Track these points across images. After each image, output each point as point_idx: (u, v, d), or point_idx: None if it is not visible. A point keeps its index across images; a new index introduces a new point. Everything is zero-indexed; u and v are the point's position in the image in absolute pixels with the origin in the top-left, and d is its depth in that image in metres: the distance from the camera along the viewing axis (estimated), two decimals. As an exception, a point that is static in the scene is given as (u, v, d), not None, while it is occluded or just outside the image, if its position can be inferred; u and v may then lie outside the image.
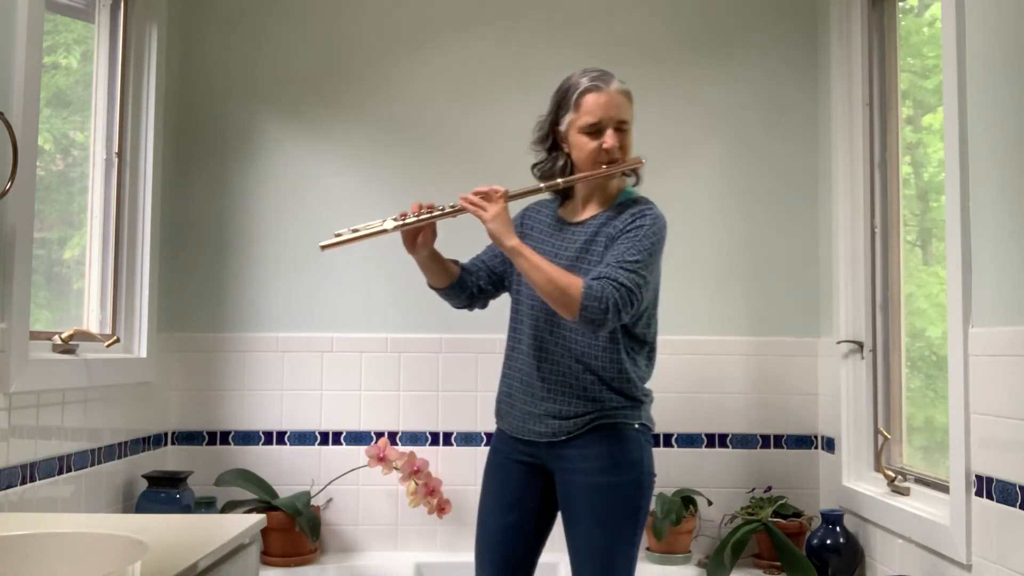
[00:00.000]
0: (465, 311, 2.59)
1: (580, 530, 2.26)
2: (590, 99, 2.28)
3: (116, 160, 3.04)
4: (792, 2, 3.44)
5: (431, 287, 2.50)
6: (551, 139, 2.37)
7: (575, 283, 2.13)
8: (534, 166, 2.41)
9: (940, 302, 2.72)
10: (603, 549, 2.23)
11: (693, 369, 3.35)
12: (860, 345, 3.08)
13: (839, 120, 3.19)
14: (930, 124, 2.95)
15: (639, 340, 2.34)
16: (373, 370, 3.34)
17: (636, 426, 2.32)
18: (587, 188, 2.38)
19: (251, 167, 3.41)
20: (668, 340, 3.34)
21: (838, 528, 2.96)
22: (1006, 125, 2.10)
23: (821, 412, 3.33)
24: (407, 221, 2.29)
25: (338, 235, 2.30)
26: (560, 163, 2.35)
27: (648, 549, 3.25)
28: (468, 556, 3.17)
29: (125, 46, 3.07)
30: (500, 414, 2.43)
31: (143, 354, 3.08)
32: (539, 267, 2.17)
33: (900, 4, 3.04)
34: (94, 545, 1.67)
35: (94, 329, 2.93)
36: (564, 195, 2.45)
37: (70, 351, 2.61)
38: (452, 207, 2.28)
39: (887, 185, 3.06)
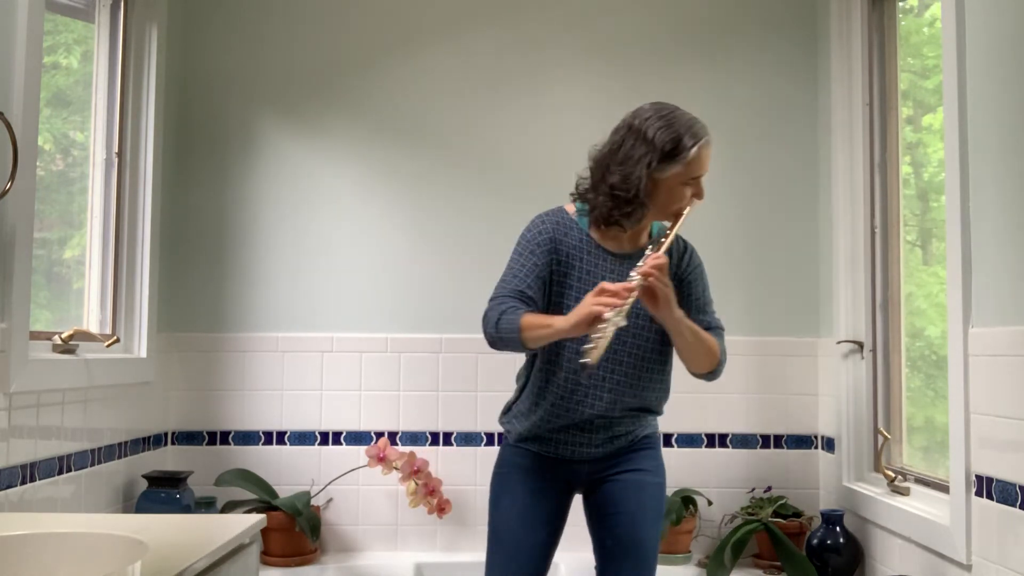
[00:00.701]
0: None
1: (630, 522, 2.32)
2: (705, 154, 2.30)
3: (116, 160, 3.04)
4: (792, 2, 3.44)
5: (526, 350, 2.28)
6: (645, 184, 2.26)
7: (715, 343, 2.33)
8: (607, 193, 2.28)
9: (940, 302, 2.72)
10: (650, 544, 2.34)
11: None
12: (860, 345, 3.08)
13: (839, 120, 3.19)
14: (930, 124, 2.95)
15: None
16: (373, 370, 3.34)
17: (659, 434, 2.51)
18: (639, 225, 2.36)
19: (251, 167, 3.41)
20: (668, 340, 3.35)
21: (838, 528, 2.96)
22: (1006, 125, 2.10)
23: (821, 412, 3.33)
24: (624, 310, 2.09)
25: (589, 354, 2.04)
26: (634, 206, 2.27)
27: (648, 549, 3.25)
28: (468, 556, 3.19)
29: (125, 46, 3.07)
30: (533, 438, 2.37)
31: (143, 354, 3.08)
32: (700, 336, 2.28)
33: (900, 4, 3.04)
34: (94, 545, 1.67)
35: (94, 329, 2.93)
36: (593, 219, 2.35)
37: (70, 351, 2.61)
38: (638, 284, 2.13)
39: (887, 185, 3.06)
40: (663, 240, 2.27)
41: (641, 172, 2.25)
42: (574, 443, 2.35)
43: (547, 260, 2.30)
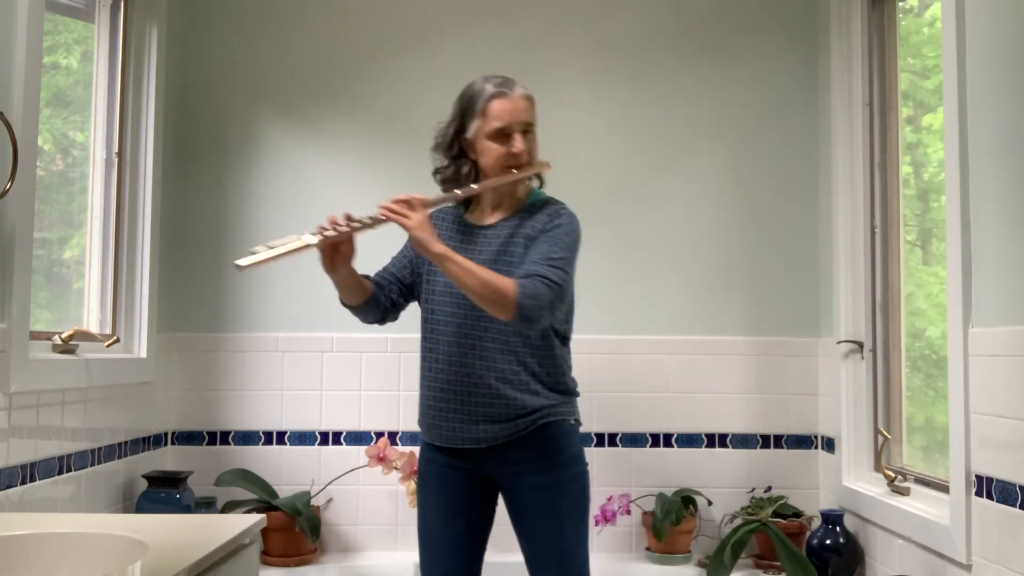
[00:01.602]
0: (376, 325, 2.55)
1: (535, 529, 2.28)
2: (496, 105, 2.30)
3: (116, 160, 3.04)
4: (792, 2, 3.44)
5: (344, 305, 2.44)
6: (456, 146, 2.36)
7: (509, 283, 2.15)
8: (435, 172, 2.41)
9: (940, 302, 2.72)
10: (560, 545, 2.27)
11: (693, 369, 3.35)
12: (860, 345, 3.08)
13: (839, 120, 3.19)
14: (930, 124, 2.95)
15: (563, 336, 2.36)
16: (373, 370, 3.34)
17: (572, 421, 2.35)
18: (496, 193, 2.38)
19: (251, 167, 3.41)
20: (669, 340, 3.36)
21: (838, 528, 2.96)
22: (1006, 125, 2.10)
23: (821, 412, 3.33)
24: (327, 234, 2.22)
25: (253, 252, 2.19)
26: (466, 170, 2.35)
27: (648, 549, 3.25)
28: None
29: (125, 46, 3.07)
30: (427, 428, 2.39)
31: (143, 354, 3.08)
32: (471, 271, 2.16)
33: (900, 4, 3.04)
34: (94, 545, 1.67)
35: (94, 329, 2.93)
36: (468, 201, 2.44)
37: (70, 351, 2.61)
38: (372, 217, 2.22)
39: (887, 185, 3.06)
40: (452, 193, 2.31)
41: (451, 138, 2.36)
42: (454, 427, 2.30)
43: (412, 252, 2.41)
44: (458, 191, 2.31)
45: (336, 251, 2.30)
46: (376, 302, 2.44)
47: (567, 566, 2.27)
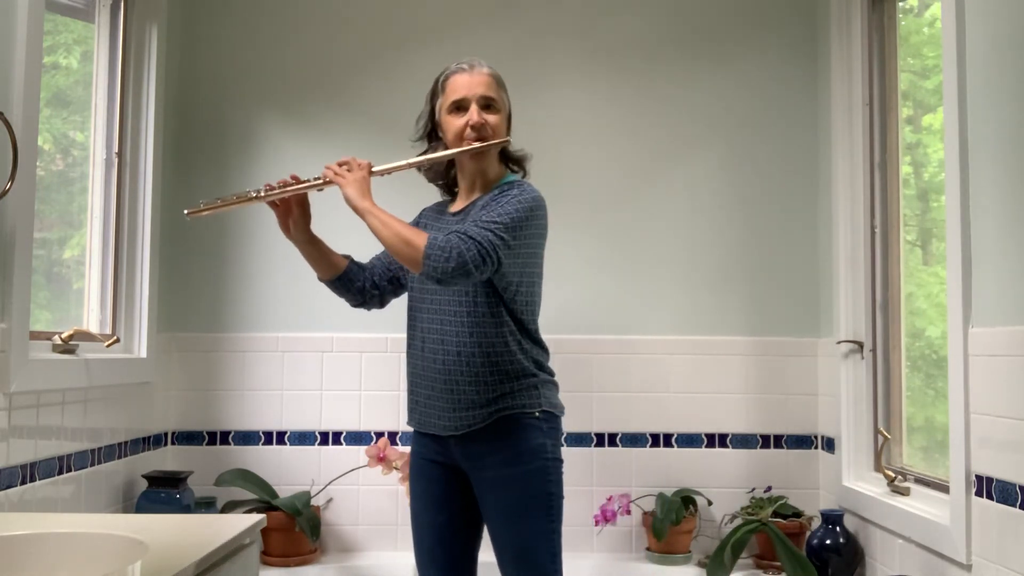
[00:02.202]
0: (363, 310, 2.58)
1: (494, 526, 2.28)
2: (455, 79, 2.35)
3: (116, 160, 3.04)
4: (792, 2, 3.44)
5: (320, 280, 2.51)
6: (432, 132, 2.43)
7: (421, 236, 2.16)
8: (425, 165, 2.44)
9: (940, 302, 2.72)
10: (518, 543, 2.23)
11: (693, 369, 3.35)
12: (860, 345, 3.08)
13: (839, 120, 3.19)
14: (930, 124, 2.95)
15: (523, 325, 2.31)
16: (373, 370, 3.34)
17: (536, 414, 2.28)
18: (469, 178, 2.40)
19: (251, 167, 3.41)
20: (669, 340, 3.36)
21: (838, 528, 2.96)
22: (1006, 125, 2.10)
23: (821, 412, 3.33)
24: (271, 192, 2.33)
25: (204, 202, 2.32)
26: (438, 151, 2.39)
27: (648, 549, 3.25)
28: (468, 556, 3.20)
29: (125, 46, 3.07)
30: (409, 412, 2.42)
31: (143, 354, 3.08)
32: (387, 223, 2.19)
33: (900, 4, 3.04)
34: (94, 545, 1.67)
35: (94, 329, 2.93)
36: (453, 191, 2.49)
37: (70, 351, 2.61)
38: (316, 178, 2.33)
39: (887, 185, 3.06)
40: (411, 160, 2.37)
41: (426, 120, 2.44)
42: (429, 410, 2.32)
43: None
44: (410, 160, 2.35)
45: (289, 212, 2.40)
46: (350, 280, 2.47)
47: (527, 565, 2.23)
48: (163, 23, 3.18)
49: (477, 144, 2.32)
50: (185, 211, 2.33)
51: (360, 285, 2.49)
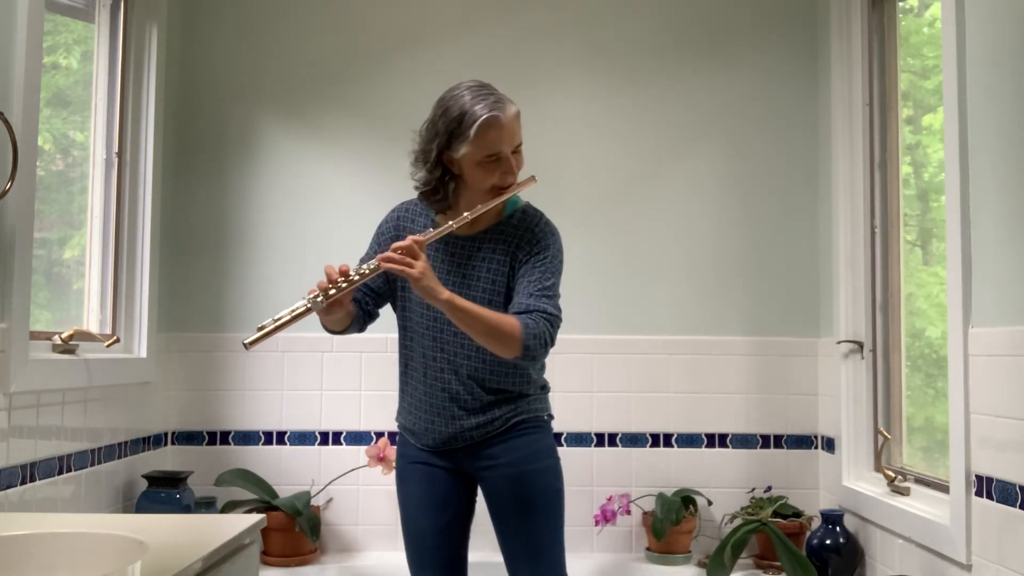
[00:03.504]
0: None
1: (506, 523, 2.30)
2: (491, 134, 2.19)
3: (116, 160, 3.04)
4: (792, 2, 3.44)
5: (330, 331, 2.39)
6: (439, 163, 2.27)
7: (513, 325, 2.15)
8: (420, 185, 2.33)
9: (940, 302, 2.72)
10: (533, 539, 2.29)
11: (693, 369, 3.35)
12: (860, 345, 3.08)
13: (839, 120, 3.18)
14: (930, 124, 2.95)
15: None
16: (373, 370, 3.34)
17: (545, 416, 2.40)
18: (472, 203, 2.27)
19: (251, 167, 3.41)
20: (669, 340, 3.36)
21: (838, 528, 2.96)
22: (1006, 125, 2.10)
23: (821, 412, 3.33)
24: (331, 295, 2.13)
25: (261, 328, 2.12)
26: (452, 186, 2.29)
27: (648, 549, 3.25)
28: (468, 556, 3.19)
29: (125, 46, 3.07)
30: (411, 432, 2.39)
31: (143, 354, 3.08)
32: (477, 316, 2.14)
33: (900, 4, 3.04)
34: (94, 545, 1.67)
35: (94, 329, 2.93)
36: (439, 204, 2.35)
37: (70, 351, 2.61)
38: (372, 269, 2.14)
39: (887, 185, 3.06)
40: (451, 223, 2.21)
41: (434, 153, 2.26)
42: (437, 433, 2.32)
43: (389, 244, 2.23)
44: (453, 223, 2.21)
45: (339, 307, 2.22)
46: (357, 322, 2.41)
47: (542, 559, 2.29)
48: (163, 23, 3.18)
49: (511, 192, 2.26)
50: (244, 342, 2.14)
51: (361, 320, 2.43)
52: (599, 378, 3.32)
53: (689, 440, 3.34)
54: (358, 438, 3.33)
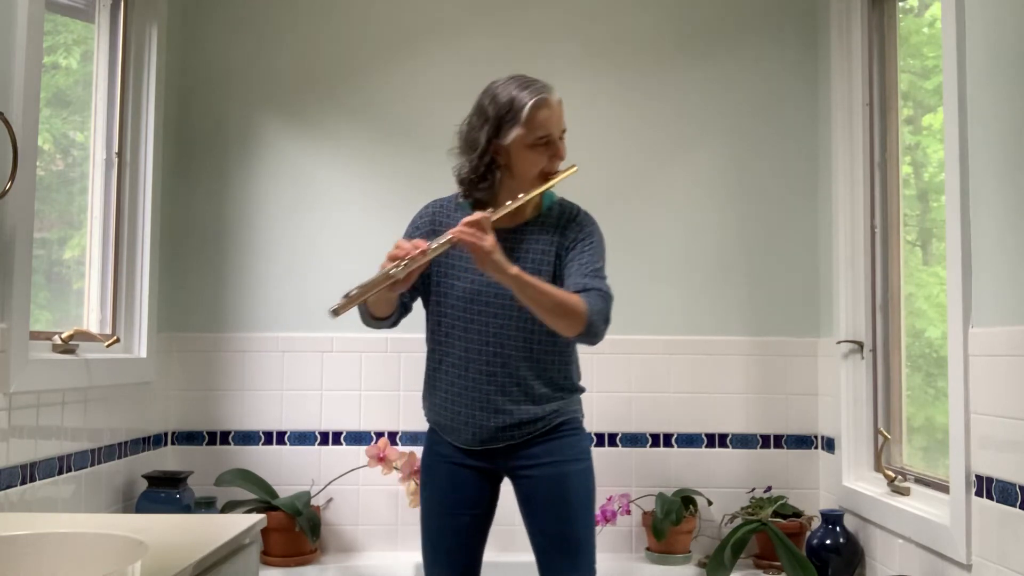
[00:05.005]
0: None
1: (550, 520, 2.31)
2: (541, 115, 2.27)
3: (116, 160, 3.04)
4: (792, 2, 3.44)
5: (372, 319, 2.36)
6: (488, 151, 2.30)
7: (577, 301, 2.20)
8: (467, 173, 2.33)
9: (940, 302, 2.72)
10: (572, 537, 2.31)
11: (693, 369, 3.35)
12: (860, 345, 3.08)
13: (839, 120, 3.19)
14: (930, 124, 2.95)
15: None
16: (373, 370, 3.34)
17: (581, 418, 2.42)
18: (512, 193, 2.31)
19: (251, 167, 3.41)
20: (669, 340, 3.36)
21: (838, 528, 2.96)
22: (1006, 125, 2.10)
23: (821, 412, 3.33)
24: (416, 262, 2.14)
25: (348, 296, 2.12)
26: (498, 175, 2.32)
27: (648, 549, 3.25)
28: (468, 556, 3.20)
29: (125, 46, 3.07)
30: (443, 429, 2.38)
31: (143, 354, 3.08)
32: (545, 290, 2.18)
33: (900, 4, 3.04)
34: (94, 545, 1.67)
35: (94, 329, 2.93)
36: (475, 197, 2.37)
37: (70, 351, 2.61)
38: (445, 243, 2.15)
39: (887, 185, 3.06)
40: (509, 204, 2.25)
41: (481, 141, 2.29)
42: (475, 430, 2.31)
43: (426, 239, 2.24)
44: (511, 203, 2.25)
45: (399, 283, 2.20)
46: (395, 313, 2.42)
47: (579, 556, 2.31)
48: (163, 23, 3.18)
49: (557, 179, 2.32)
50: (331, 308, 2.11)
51: (400, 312, 2.43)
52: (599, 378, 3.32)
53: (689, 440, 3.34)
54: (358, 438, 3.33)
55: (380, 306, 2.32)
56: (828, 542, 2.95)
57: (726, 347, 3.35)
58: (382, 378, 3.34)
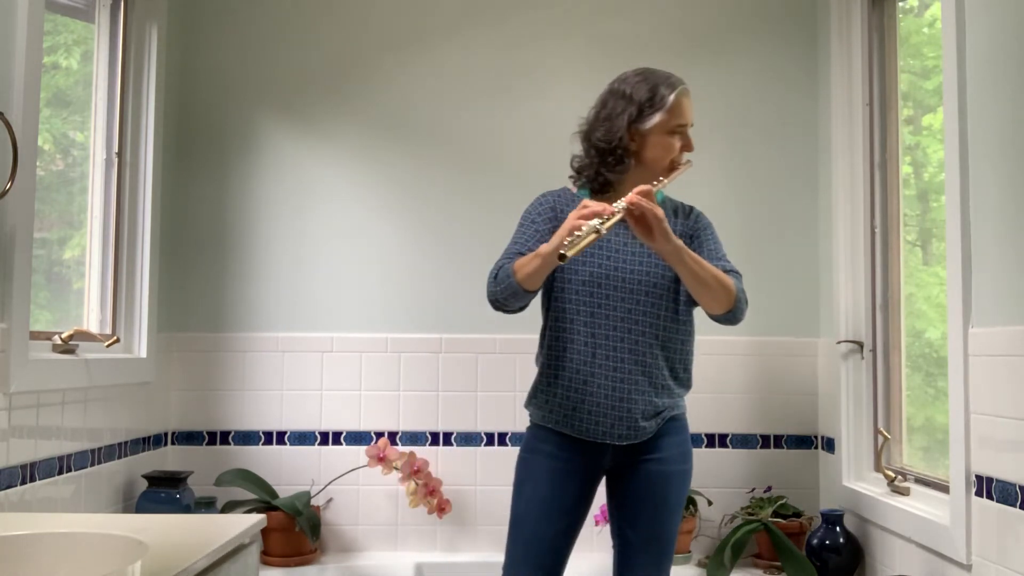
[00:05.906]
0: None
1: (644, 517, 2.35)
2: (683, 102, 2.37)
3: (116, 160, 3.04)
4: (792, 2, 3.44)
5: (524, 291, 2.26)
6: (625, 135, 2.35)
7: (728, 279, 2.28)
8: (604, 144, 2.36)
9: (940, 302, 2.72)
10: (666, 536, 2.37)
11: (693, 369, 3.34)
12: (860, 345, 3.08)
13: (839, 120, 3.19)
14: (930, 124, 2.95)
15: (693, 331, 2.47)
16: (373, 370, 3.34)
17: (686, 415, 2.48)
18: (632, 186, 2.29)
19: (251, 167, 3.41)
20: (668, 340, 3.35)
21: (838, 528, 2.96)
22: (1006, 125, 2.10)
23: (821, 412, 3.33)
24: (607, 222, 2.11)
25: (578, 235, 2.07)
26: (630, 161, 2.38)
27: (648, 549, 3.25)
28: (468, 556, 3.20)
29: (125, 46, 3.07)
30: (564, 420, 2.35)
31: (143, 354, 3.08)
32: (704, 264, 2.24)
33: (900, 4, 3.04)
34: (94, 545, 1.67)
35: (94, 329, 2.93)
36: (598, 188, 2.42)
37: (70, 351, 2.61)
38: (620, 210, 2.13)
39: (887, 185, 3.06)
40: (663, 179, 2.33)
41: (622, 124, 2.35)
42: (600, 420, 2.32)
43: (549, 227, 2.36)
44: (665, 179, 2.34)
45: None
46: (533, 295, 2.36)
47: (667, 554, 2.38)
48: (163, 23, 3.18)
49: (685, 167, 2.40)
50: (562, 252, 2.05)
51: (531, 298, 2.38)
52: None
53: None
54: (358, 438, 3.33)
55: (535, 279, 2.23)
56: (828, 542, 2.95)
57: (726, 347, 3.35)
58: (382, 378, 3.34)
